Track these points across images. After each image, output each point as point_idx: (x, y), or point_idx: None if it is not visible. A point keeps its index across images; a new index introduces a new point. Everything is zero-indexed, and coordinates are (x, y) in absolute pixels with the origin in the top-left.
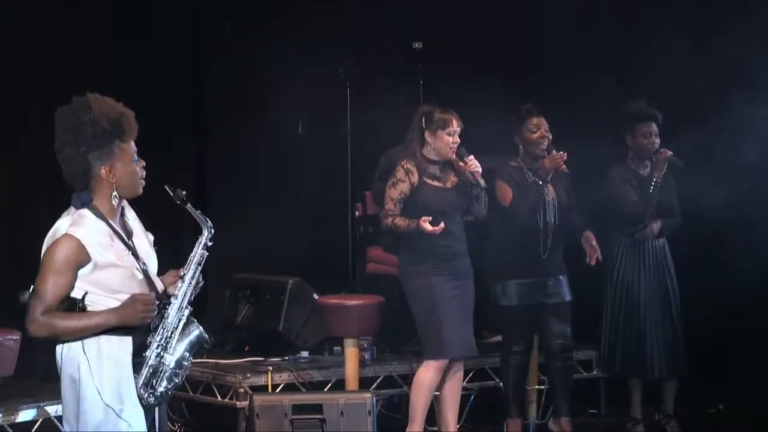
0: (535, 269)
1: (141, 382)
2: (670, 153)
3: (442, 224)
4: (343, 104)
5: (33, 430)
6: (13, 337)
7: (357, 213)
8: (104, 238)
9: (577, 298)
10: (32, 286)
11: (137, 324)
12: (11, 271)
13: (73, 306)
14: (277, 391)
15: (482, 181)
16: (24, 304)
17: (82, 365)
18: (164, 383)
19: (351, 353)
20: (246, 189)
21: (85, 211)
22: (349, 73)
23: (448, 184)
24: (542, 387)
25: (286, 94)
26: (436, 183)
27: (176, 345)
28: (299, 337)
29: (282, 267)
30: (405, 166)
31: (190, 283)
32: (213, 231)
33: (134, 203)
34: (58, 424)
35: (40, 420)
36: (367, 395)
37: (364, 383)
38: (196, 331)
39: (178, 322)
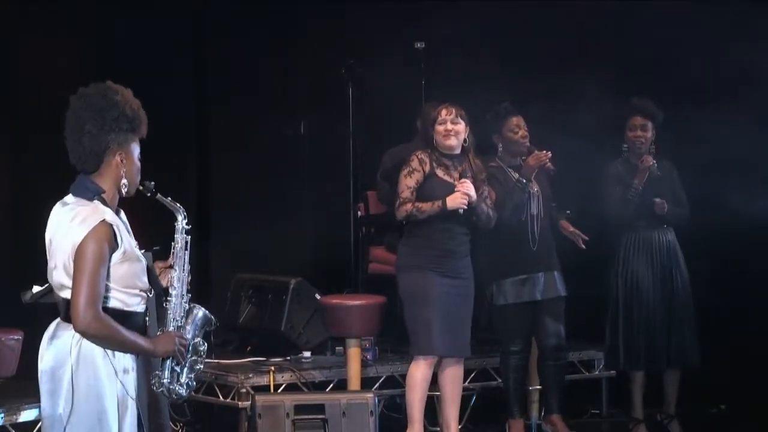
0: (527, 265)
1: (166, 377)
2: (652, 162)
3: (469, 189)
4: (345, 104)
5: (35, 430)
6: (15, 337)
7: (359, 213)
8: (123, 229)
9: (580, 298)
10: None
11: (161, 356)
12: (13, 272)
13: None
14: (279, 391)
15: (461, 210)
16: (27, 304)
17: (98, 365)
18: (185, 372)
19: (353, 353)
20: (248, 189)
21: (98, 203)
22: (351, 73)
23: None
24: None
25: (288, 95)
26: (446, 177)
27: (186, 333)
28: (301, 337)
29: (284, 267)
30: (419, 156)
31: (183, 269)
32: (186, 214)
33: (131, 206)
34: None
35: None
36: (369, 395)
37: (366, 383)
38: (199, 313)
39: (183, 311)
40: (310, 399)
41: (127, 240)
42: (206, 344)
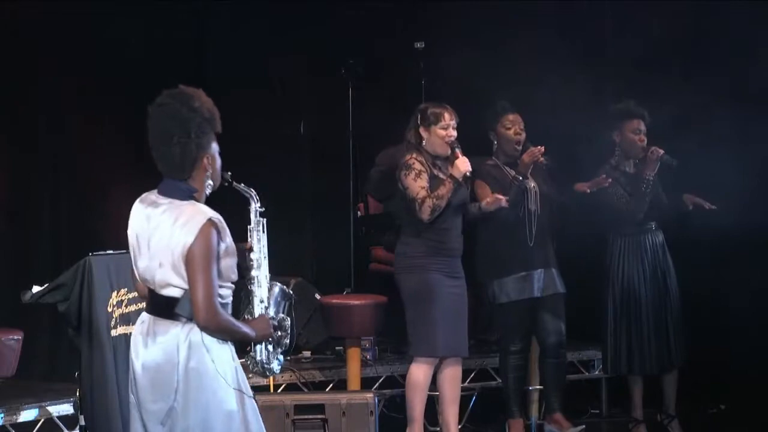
0: (525, 262)
1: (261, 357)
2: (662, 152)
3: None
4: (345, 104)
5: (35, 430)
6: (15, 337)
7: (359, 213)
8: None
9: (578, 298)
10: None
11: (260, 340)
12: (13, 272)
13: None
14: (279, 391)
15: (468, 173)
16: (27, 304)
17: (207, 357)
18: (278, 349)
19: (353, 353)
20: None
21: (194, 202)
22: (351, 73)
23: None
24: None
25: (288, 94)
26: (442, 177)
27: (270, 311)
28: (301, 336)
29: (284, 267)
30: (418, 158)
31: (260, 251)
32: (258, 198)
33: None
34: (60, 423)
35: (42, 420)
36: (369, 395)
37: (366, 383)
38: (276, 289)
39: (268, 290)
40: (310, 399)
41: (229, 234)
42: (289, 319)
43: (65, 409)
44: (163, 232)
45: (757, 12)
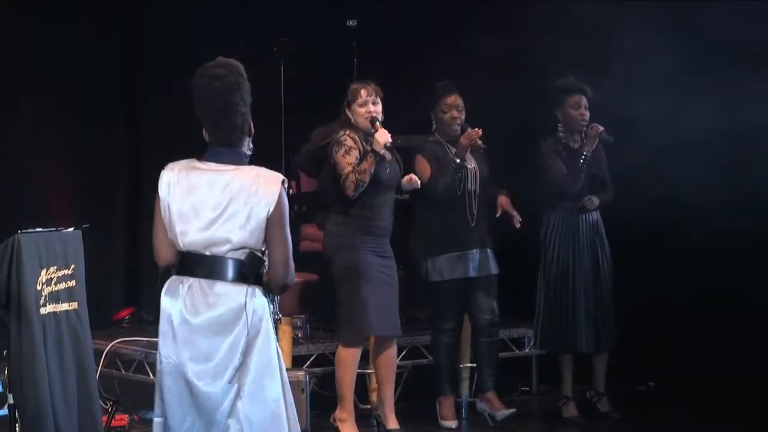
0: (461, 242)
1: None
2: (601, 129)
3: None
4: (277, 83)
5: None
6: None
7: (291, 191)
8: None
9: (510, 275)
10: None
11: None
12: None
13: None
14: None
15: (388, 143)
16: None
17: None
18: None
19: (284, 331)
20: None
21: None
22: (284, 51)
23: (387, 157)
24: (475, 365)
25: None
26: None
27: None
28: None
29: None
30: (351, 135)
31: None
32: None
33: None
34: None
35: None
36: (301, 373)
37: (298, 361)
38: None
39: None
40: None
41: None
42: None
43: None
44: (243, 196)
45: None
